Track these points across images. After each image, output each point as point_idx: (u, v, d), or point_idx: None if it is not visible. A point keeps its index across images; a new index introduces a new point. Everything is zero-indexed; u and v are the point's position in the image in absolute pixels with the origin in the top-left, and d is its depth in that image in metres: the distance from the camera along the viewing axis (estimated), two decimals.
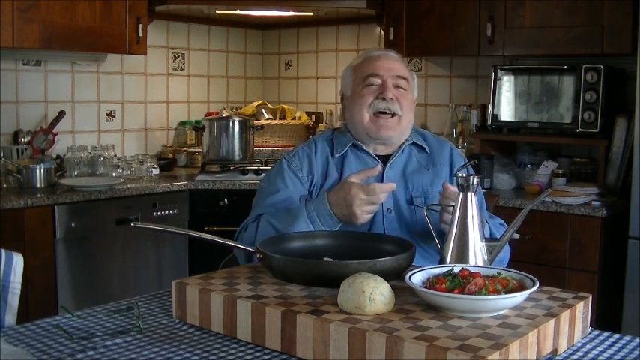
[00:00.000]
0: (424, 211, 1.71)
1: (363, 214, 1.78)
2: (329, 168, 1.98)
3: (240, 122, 3.81)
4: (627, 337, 1.39)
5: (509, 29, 3.34)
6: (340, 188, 1.81)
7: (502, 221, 2.00)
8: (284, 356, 1.27)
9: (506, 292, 1.28)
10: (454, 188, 1.71)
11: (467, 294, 1.27)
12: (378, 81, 1.97)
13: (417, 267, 1.45)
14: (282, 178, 1.96)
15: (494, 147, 3.53)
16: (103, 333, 1.38)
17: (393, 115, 1.95)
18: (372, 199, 1.76)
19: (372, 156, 1.99)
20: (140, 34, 3.51)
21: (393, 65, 1.99)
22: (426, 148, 2.03)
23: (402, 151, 2.00)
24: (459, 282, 1.31)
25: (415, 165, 2.00)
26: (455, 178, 1.60)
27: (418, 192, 1.95)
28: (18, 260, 1.68)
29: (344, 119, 2.08)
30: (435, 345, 1.11)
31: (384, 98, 1.94)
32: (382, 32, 3.87)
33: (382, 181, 1.94)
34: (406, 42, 3.66)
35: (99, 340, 1.34)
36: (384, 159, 1.99)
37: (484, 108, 3.57)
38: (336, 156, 1.99)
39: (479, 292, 1.27)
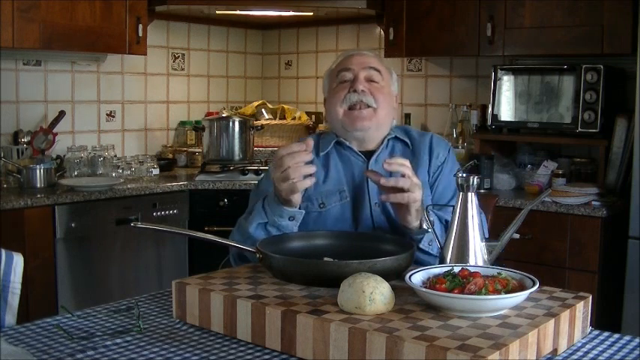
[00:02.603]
0: (424, 211, 1.71)
1: (280, 184, 1.68)
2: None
3: (240, 122, 3.81)
4: (627, 337, 1.39)
5: (509, 29, 3.34)
6: None
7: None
8: (284, 356, 1.27)
9: (506, 292, 1.28)
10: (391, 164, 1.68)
11: (467, 294, 1.27)
12: (350, 75, 1.96)
13: (417, 267, 1.45)
14: (269, 181, 1.96)
15: (494, 147, 3.53)
16: (103, 333, 1.38)
17: (368, 107, 1.93)
18: (280, 169, 1.67)
19: (355, 152, 1.98)
20: (140, 34, 3.51)
21: (364, 59, 1.98)
22: (408, 142, 2.01)
23: (387, 146, 2.00)
24: (459, 282, 1.31)
25: (402, 157, 1.99)
26: (455, 178, 1.60)
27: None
28: (18, 260, 1.68)
29: (327, 121, 2.08)
30: (435, 345, 1.11)
31: (355, 91, 1.93)
32: (382, 32, 3.87)
33: (366, 178, 1.93)
34: (406, 42, 3.66)
35: (99, 340, 1.34)
36: (369, 154, 1.98)
37: (484, 108, 3.57)
38: (321, 154, 1.99)
39: (479, 292, 1.27)
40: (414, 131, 2.08)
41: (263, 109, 4.24)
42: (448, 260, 1.55)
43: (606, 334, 1.41)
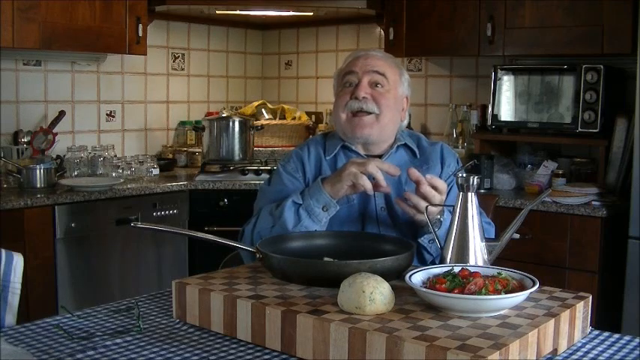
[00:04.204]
0: (424, 212, 1.71)
1: (349, 177, 1.74)
2: (322, 168, 1.98)
3: (240, 122, 3.81)
4: (627, 337, 1.39)
5: (509, 29, 3.34)
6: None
7: (488, 220, 2.00)
8: (284, 356, 1.27)
9: (506, 292, 1.28)
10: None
11: (467, 294, 1.27)
12: (354, 79, 1.94)
13: (417, 267, 1.45)
14: (281, 180, 1.97)
15: (494, 147, 3.53)
16: (103, 333, 1.38)
17: (370, 114, 1.92)
18: (363, 166, 1.74)
19: (362, 156, 1.97)
20: (140, 34, 3.51)
21: (370, 62, 1.96)
22: (416, 151, 2.01)
23: (395, 151, 1.99)
24: (459, 282, 1.31)
25: (408, 164, 1.97)
26: (455, 178, 1.60)
27: (411, 188, 1.93)
28: (18, 260, 1.68)
29: (332, 121, 2.09)
30: (435, 345, 1.11)
31: (356, 98, 1.92)
32: (382, 32, 3.87)
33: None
34: (406, 42, 3.66)
35: (99, 340, 1.34)
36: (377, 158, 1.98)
37: (484, 108, 3.57)
38: (328, 157, 1.98)
39: (479, 292, 1.27)
40: (425, 140, 2.07)
41: (263, 109, 4.24)
42: (448, 260, 1.55)
43: (606, 334, 1.41)
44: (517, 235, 1.63)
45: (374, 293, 1.26)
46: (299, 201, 1.79)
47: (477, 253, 1.54)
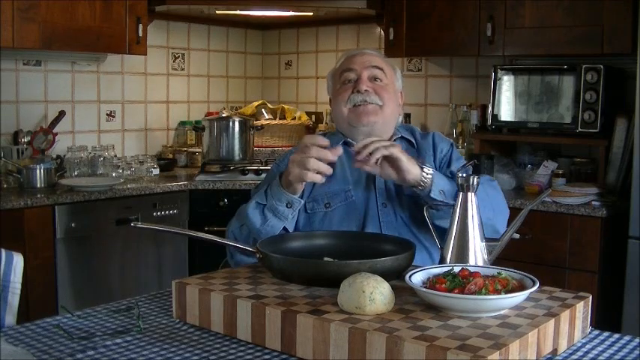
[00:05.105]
0: (424, 211, 1.71)
1: (294, 166, 1.69)
2: None
3: (240, 122, 3.81)
4: (627, 337, 1.39)
5: (509, 29, 3.34)
6: None
7: (488, 176, 1.99)
8: (284, 356, 1.27)
9: (506, 292, 1.28)
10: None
11: (467, 294, 1.27)
12: (353, 76, 1.95)
13: (417, 267, 1.45)
14: (270, 181, 1.97)
15: (494, 147, 3.53)
16: (103, 333, 1.38)
17: (372, 104, 1.92)
18: (301, 155, 1.68)
19: None
20: (140, 34, 3.51)
21: (367, 58, 1.98)
22: (414, 142, 2.01)
23: None
24: (459, 282, 1.31)
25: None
26: (455, 177, 1.60)
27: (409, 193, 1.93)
28: (18, 260, 1.68)
29: (333, 121, 2.08)
30: (435, 345, 1.11)
31: (359, 91, 1.92)
32: (382, 32, 3.87)
33: (373, 179, 1.93)
34: (406, 42, 3.66)
35: (99, 340, 1.34)
36: None
37: (484, 108, 3.57)
38: None
39: (479, 292, 1.27)
40: (418, 132, 2.08)
41: (263, 109, 4.24)
42: (448, 260, 1.55)
43: (606, 334, 1.41)
44: (517, 235, 1.64)
45: (374, 293, 1.26)
46: (263, 201, 1.78)
47: (477, 253, 1.54)
